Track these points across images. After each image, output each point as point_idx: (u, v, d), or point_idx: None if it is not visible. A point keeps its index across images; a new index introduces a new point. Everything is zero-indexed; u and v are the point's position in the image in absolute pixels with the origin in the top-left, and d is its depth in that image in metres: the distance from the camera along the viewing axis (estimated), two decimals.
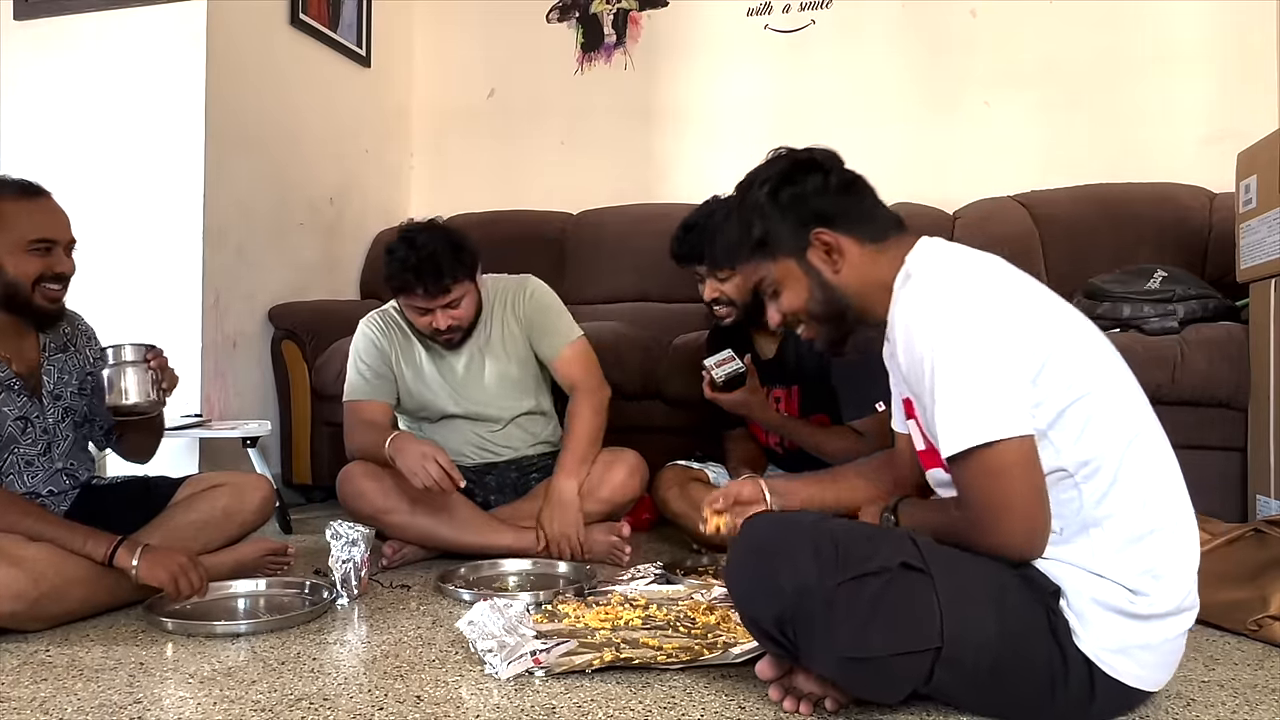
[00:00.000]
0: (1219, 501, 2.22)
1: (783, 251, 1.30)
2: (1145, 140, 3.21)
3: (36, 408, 1.80)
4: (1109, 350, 1.21)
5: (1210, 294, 2.49)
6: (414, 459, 1.98)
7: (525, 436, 2.33)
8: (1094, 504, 1.13)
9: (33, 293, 1.72)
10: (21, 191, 1.72)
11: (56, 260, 1.73)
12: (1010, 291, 1.18)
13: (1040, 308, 1.18)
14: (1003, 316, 1.14)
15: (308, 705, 1.25)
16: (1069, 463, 1.13)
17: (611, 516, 2.20)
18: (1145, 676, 1.16)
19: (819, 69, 3.54)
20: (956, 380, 1.12)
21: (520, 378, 2.30)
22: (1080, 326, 1.20)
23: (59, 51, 2.99)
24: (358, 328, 2.32)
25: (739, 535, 1.23)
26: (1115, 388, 1.18)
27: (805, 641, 1.11)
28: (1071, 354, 1.15)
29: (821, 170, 1.29)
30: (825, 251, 1.27)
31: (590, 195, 3.68)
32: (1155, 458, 1.17)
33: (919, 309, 1.17)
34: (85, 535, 1.64)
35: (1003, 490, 1.11)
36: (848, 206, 1.28)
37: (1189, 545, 1.17)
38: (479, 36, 3.97)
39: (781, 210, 1.28)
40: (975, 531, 1.15)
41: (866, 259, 1.27)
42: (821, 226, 1.27)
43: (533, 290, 2.32)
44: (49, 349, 1.85)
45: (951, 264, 1.22)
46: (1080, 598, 1.13)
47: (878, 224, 1.29)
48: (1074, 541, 1.15)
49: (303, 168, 3.34)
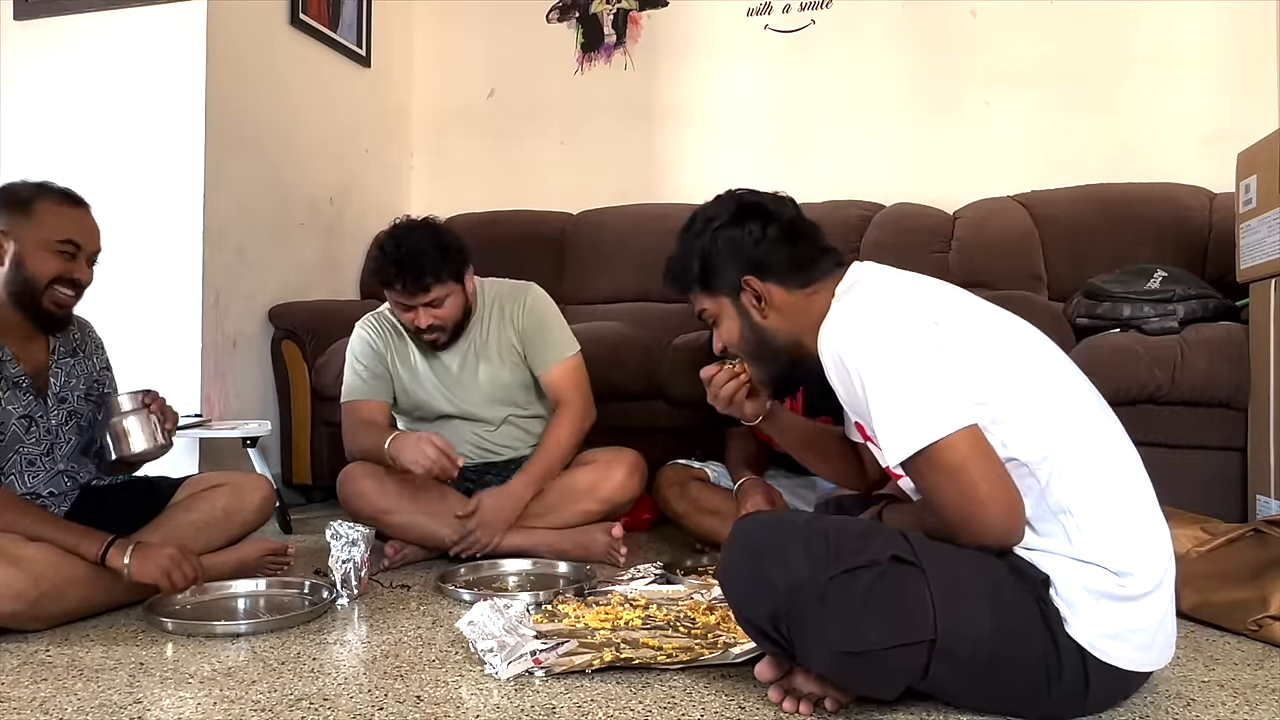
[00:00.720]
0: (1219, 501, 2.22)
1: (718, 290, 1.39)
2: (1145, 140, 3.21)
3: (41, 408, 1.80)
4: (1043, 344, 1.25)
5: (1210, 294, 2.49)
6: (412, 449, 2.00)
7: (524, 436, 2.33)
8: (1058, 490, 1.15)
9: (43, 292, 1.73)
10: (63, 197, 1.77)
11: (77, 266, 1.76)
12: (925, 298, 1.23)
13: (959, 312, 1.22)
14: (917, 320, 1.18)
15: (308, 705, 1.25)
16: (1021, 454, 1.15)
17: (611, 516, 2.20)
18: (1138, 658, 1.16)
19: (819, 69, 3.54)
20: (886, 390, 1.14)
21: (513, 382, 2.28)
22: (1005, 324, 1.24)
23: (59, 51, 2.99)
24: (354, 330, 2.32)
25: (731, 536, 1.23)
26: (1052, 380, 1.21)
27: (800, 638, 1.11)
28: (989, 350, 1.18)
29: (764, 218, 1.36)
30: (755, 297, 1.36)
31: (590, 195, 3.68)
32: (1107, 442, 1.20)
33: (837, 333, 1.21)
34: (79, 535, 1.64)
35: (966, 483, 1.12)
36: (781, 256, 1.35)
37: (1156, 520, 1.19)
38: (479, 36, 3.97)
39: (718, 252, 1.37)
40: (952, 530, 1.16)
41: (797, 304, 1.35)
42: (752, 274, 1.34)
43: (531, 301, 2.29)
44: (58, 352, 1.85)
45: (864, 285, 1.28)
46: (1069, 585, 1.14)
47: (810, 270, 1.35)
48: (1050, 532, 1.16)
49: (303, 168, 3.34)
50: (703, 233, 1.38)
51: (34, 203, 1.72)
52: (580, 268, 3.49)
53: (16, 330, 1.77)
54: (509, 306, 2.28)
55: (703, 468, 2.33)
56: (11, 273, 1.71)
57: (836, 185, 3.34)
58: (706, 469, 2.33)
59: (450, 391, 2.27)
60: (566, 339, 2.30)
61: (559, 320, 2.33)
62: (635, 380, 2.75)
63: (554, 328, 2.30)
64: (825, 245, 1.38)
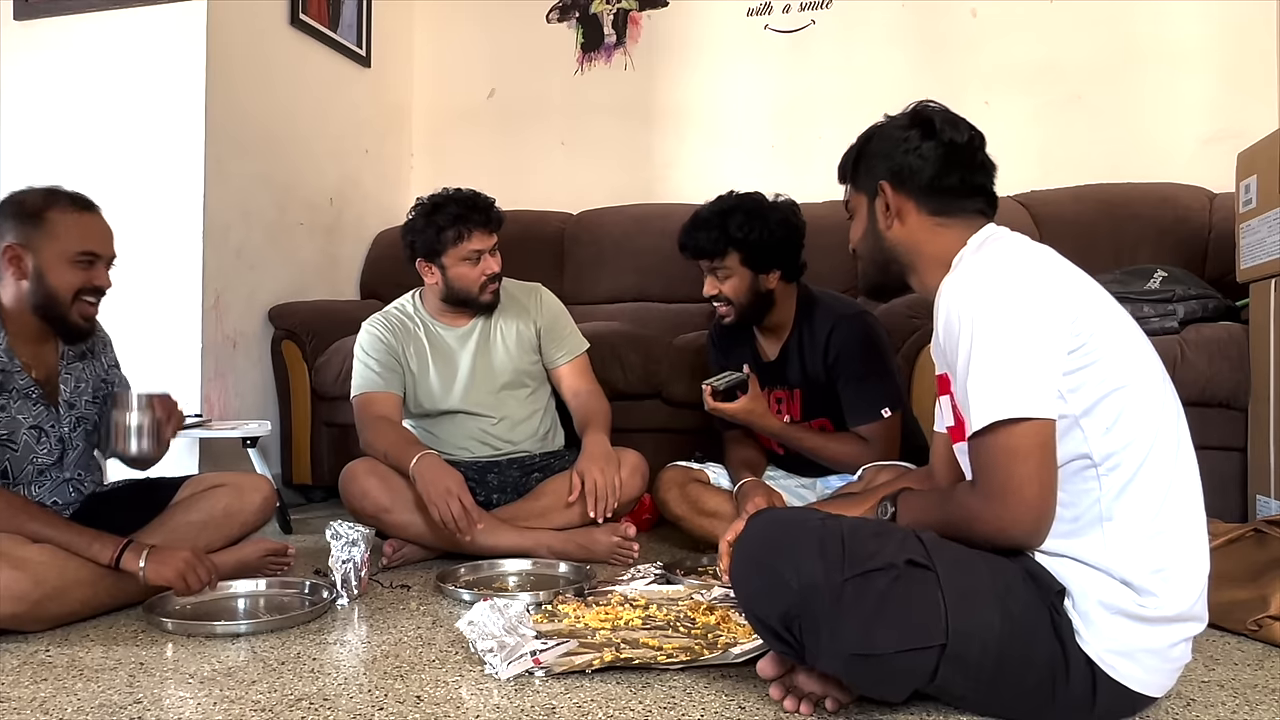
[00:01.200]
0: (1219, 501, 2.22)
1: (860, 185, 1.40)
2: (1145, 140, 3.21)
3: (52, 417, 1.80)
4: (1148, 349, 1.22)
5: (1210, 294, 2.49)
6: (439, 492, 2.00)
7: (528, 432, 2.34)
8: (1112, 497, 1.13)
9: (71, 306, 1.73)
10: (73, 203, 1.75)
11: (97, 274, 1.76)
12: (1053, 277, 1.19)
13: (1084, 297, 1.19)
14: (1042, 298, 1.15)
15: (308, 705, 1.25)
16: (1095, 452, 1.14)
17: (613, 517, 2.20)
18: (1149, 681, 1.15)
19: (819, 69, 3.54)
20: (990, 354, 1.13)
21: (523, 376, 2.34)
22: (1122, 322, 1.22)
23: (59, 51, 3.00)
24: (361, 330, 2.33)
25: (743, 534, 1.22)
26: (1150, 386, 1.18)
27: (811, 639, 1.11)
28: (1111, 346, 1.16)
29: (928, 134, 1.33)
30: (884, 206, 1.34)
31: (590, 195, 3.68)
32: (1177, 460, 1.17)
33: (962, 285, 1.19)
34: (91, 538, 1.64)
35: (1020, 472, 1.11)
36: (928, 175, 1.31)
37: (1199, 551, 1.17)
38: (479, 36, 3.97)
39: (875, 151, 1.37)
40: (985, 509, 1.14)
41: (924, 228, 1.32)
42: (890, 182, 1.33)
43: (547, 296, 2.43)
44: (67, 356, 1.85)
45: (1001, 248, 1.25)
46: (1086, 599, 1.13)
47: (948, 201, 1.32)
48: (1086, 535, 1.14)
49: (303, 168, 3.34)
50: (880, 127, 1.38)
51: (46, 212, 1.71)
52: (580, 268, 3.49)
53: (29, 335, 1.76)
54: (525, 300, 2.38)
55: (702, 469, 2.33)
56: (33, 285, 1.71)
57: (837, 185, 3.31)
58: (707, 470, 2.33)
59: (460, 385, 2.29)
60: (579, 335, 2.43)
61: (570, 317, 2.44)
62: (635, 380, 2.75)
63: (570, 323, 2.42)
64: (982, 187, 1.34)
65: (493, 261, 2.24)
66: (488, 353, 2.31)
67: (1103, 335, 1.16)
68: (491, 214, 2.22)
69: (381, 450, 2.15)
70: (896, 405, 2.09)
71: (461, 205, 2.18)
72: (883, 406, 2.07)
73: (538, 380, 2.39)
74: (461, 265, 2.21)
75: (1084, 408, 1.13)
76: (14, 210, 1.72)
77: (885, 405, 2.07)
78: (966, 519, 1.17)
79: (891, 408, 2.08)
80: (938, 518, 1.21)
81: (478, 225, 2.18)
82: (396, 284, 3.31)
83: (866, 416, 2.08)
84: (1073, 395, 1.13)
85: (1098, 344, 1.14)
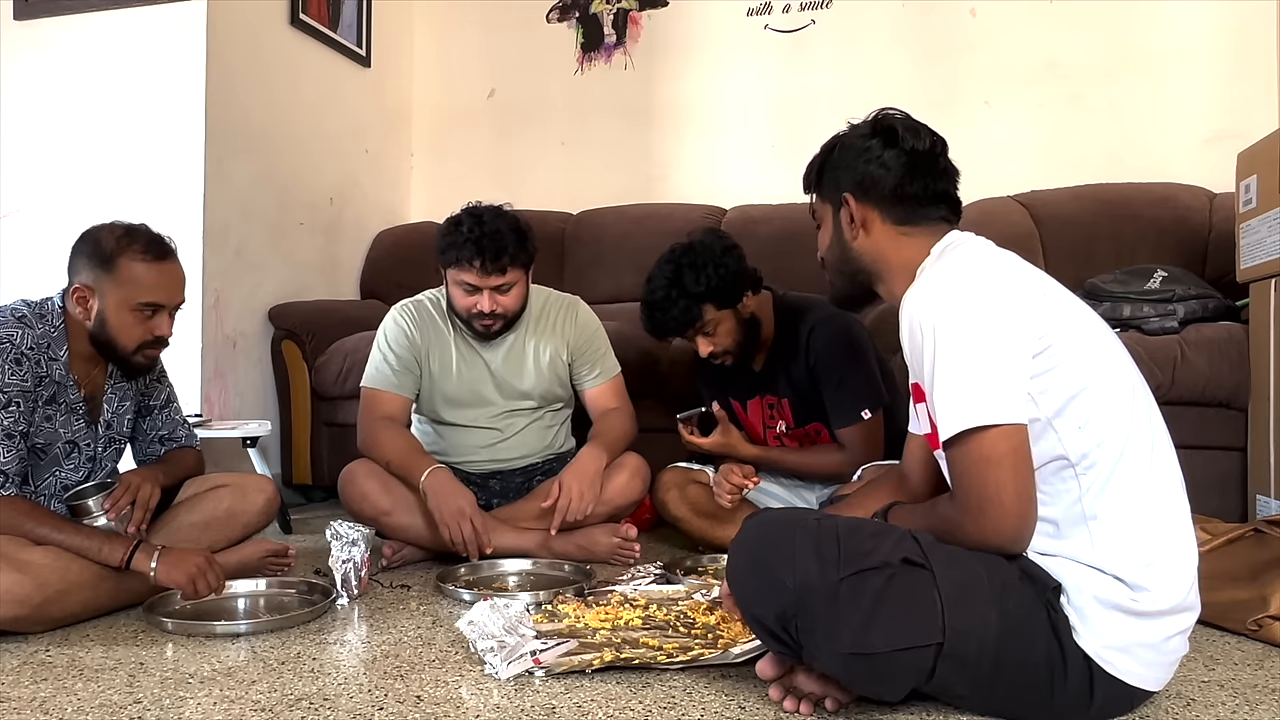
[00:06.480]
0: (1219, 501, 2.22)
1: (824, 195, 1.40)
2: (1145, 140, 3.21)
3: (90, 435, 1.81)
4: (1117, 347, 1.23)
5: (1210, 294, 2.49)
6: (451, 513, 1.98)
7: (537, 444, 2.32)
8: (1092, 496, 1.14)
9: (132, 354, 1.75)
10: (146, 249, 1.73)
11: (159, 323, 1.76)
12: (1013, 283, 1.19)
13: (1045, 301, 1.19)
14: (1002, 304, 1.15)
15: (308, 705, 1.25)
16: (1071, 452, 1.14)
17: (613, 518, 2.20)
18: (1146, 675, 1.16)
19: (819, 69, 3.54)
20: (954, 363, 1.13)
21: (549, 389, 2.29)
22: (1088, 323, 1.22)
23: (59, 51, 2.99)
24: (389, 313, 2.28)
25: (740, 534, 1.22)
26: (1120, 383, 1.18)
27: (808, 638, 1.11)
28: (1075, 347, 1.16)
29: (890, 142, 1.32)
30: (849, 217, 1.34)
31: (590, 195, 3.68)
32: (1153, 455, 1.18)
33: (922, 294, 1.19)
34: (101, 540, 1.64)
35: (994, 479, 1.12)
36: (891, 184, 1.31)
37: (1186, 542, 1.17)
38: (479, 36, 3.97)
39: (838, 162, 1.37)
40: (965, 520, 1.15)
41: (888, 237, 1.32)
42: (854, 193, 1.33)
43: (584, 314, 2.34)
44: (114, 376, 1.85)
45: (960, 255, 1.24)
46: (1081, 594, 1.13)
47: (912, 210, 1.31)
48: (1072, 536, 1.15)
49: (303, 168, 3.34)
50: (844, 136, 1.38)
51: (118, 259, 1.70)
52: (580, 268, 3.49)
53: (86, 354, 1.77)
54: (559, 315, 2.30)
55: (702, 470, 2.33)
56: (97, 325, 1.72)
57: None
58: (706, 471, 2.32)
59: (478, 396, 2.24)
60: (613, 357, 2.36)
61: (606, 338, 2.37)
62: (635, 380, 2.74)
63: (604, 343, 2.35)
64: (946, 193, 1.33)
65: (483, 300, 2.08)
66: (515, 369, 2.25)
67: (1066, 338, 1.16)
68: (487, 261, 2.04)
69: (385, 458, 2.12)
70: (876, 406, 2.08)
71: (469, 235, 2.06)
72: (862, 409, 2.06)
73: (561, 402, 2.34)
74: (455, 287, 2.14)
75: (1055, 409, 1.14)
76: (90, 250, 1.72)
77: (864, 407, 2.06)
78: (949, 531, 1.17)
79: (871, 409, 2.07)
80: (927, 529, 1.21)
81: (467, 261, 2.06)
82: (397, 284, 3.32)
83: (847, 419, 2.08)
84: (1042, 398, 1.14)
85: (1061, 347, 1.15)
